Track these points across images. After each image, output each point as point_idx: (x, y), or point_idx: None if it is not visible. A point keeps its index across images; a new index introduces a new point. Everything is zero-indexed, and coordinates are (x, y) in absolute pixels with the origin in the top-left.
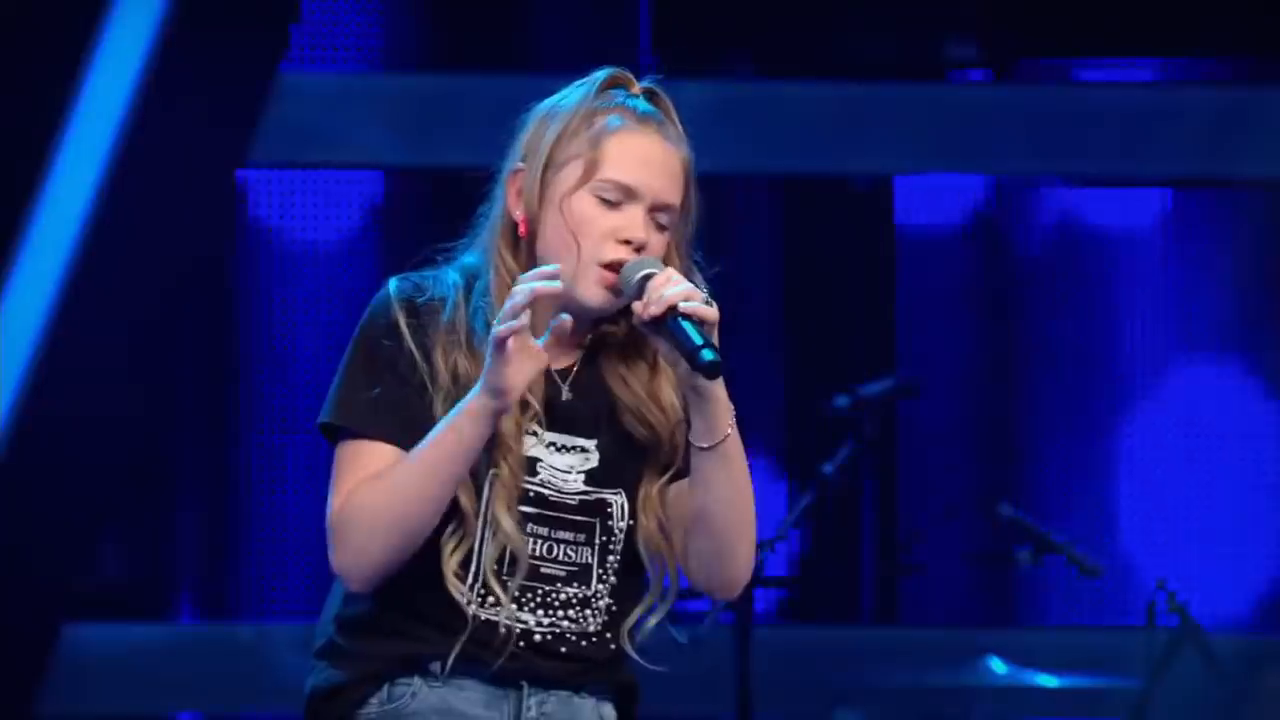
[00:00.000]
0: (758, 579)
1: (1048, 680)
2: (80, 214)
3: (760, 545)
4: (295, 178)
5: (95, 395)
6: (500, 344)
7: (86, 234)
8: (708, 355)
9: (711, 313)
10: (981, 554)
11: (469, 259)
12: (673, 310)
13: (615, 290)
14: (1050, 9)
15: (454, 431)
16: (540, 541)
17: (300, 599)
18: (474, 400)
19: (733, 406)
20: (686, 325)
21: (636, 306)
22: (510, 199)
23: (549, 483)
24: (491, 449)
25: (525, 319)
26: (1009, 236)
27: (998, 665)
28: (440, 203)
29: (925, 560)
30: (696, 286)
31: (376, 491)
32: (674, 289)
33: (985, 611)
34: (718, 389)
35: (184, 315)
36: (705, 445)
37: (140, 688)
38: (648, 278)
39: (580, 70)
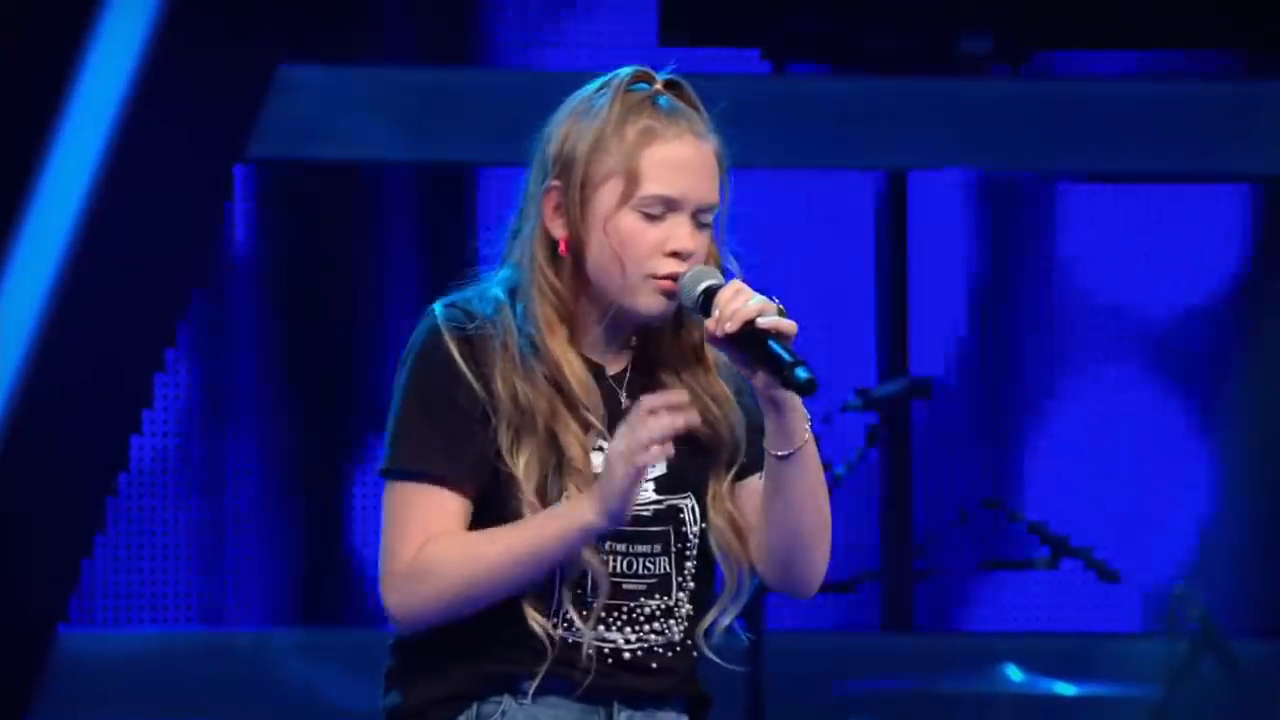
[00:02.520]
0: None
1: (1065, 688)
2: (77, 208)
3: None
4: None
5: (92, 395)
6: (638, 474)
7: (83, 229)
8: (802, 374)
9: (791, 326)
10: (999, 559)
11: (508, 273)
12: (749, 325)
13: (671, 295)
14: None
15: (560, 541)
16: (619, 558)
17: (297, 606)
18: (588, 519)
19: (808, 414)
20: (772, 344)
21: (709, 324)
22: (547, 216)
23: None
24: (561, 473)
25: (669, 450)
26: (1021, 233)
27: (1014, 672)
28: None
29: (941, 565)
30: (737, 279)
31: (458, 557)
32: (747, 304)
33: (1002, 617)
34: (796, 398)
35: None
36: (783, 453)
37: (137, 694)
38: (710, 291)
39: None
